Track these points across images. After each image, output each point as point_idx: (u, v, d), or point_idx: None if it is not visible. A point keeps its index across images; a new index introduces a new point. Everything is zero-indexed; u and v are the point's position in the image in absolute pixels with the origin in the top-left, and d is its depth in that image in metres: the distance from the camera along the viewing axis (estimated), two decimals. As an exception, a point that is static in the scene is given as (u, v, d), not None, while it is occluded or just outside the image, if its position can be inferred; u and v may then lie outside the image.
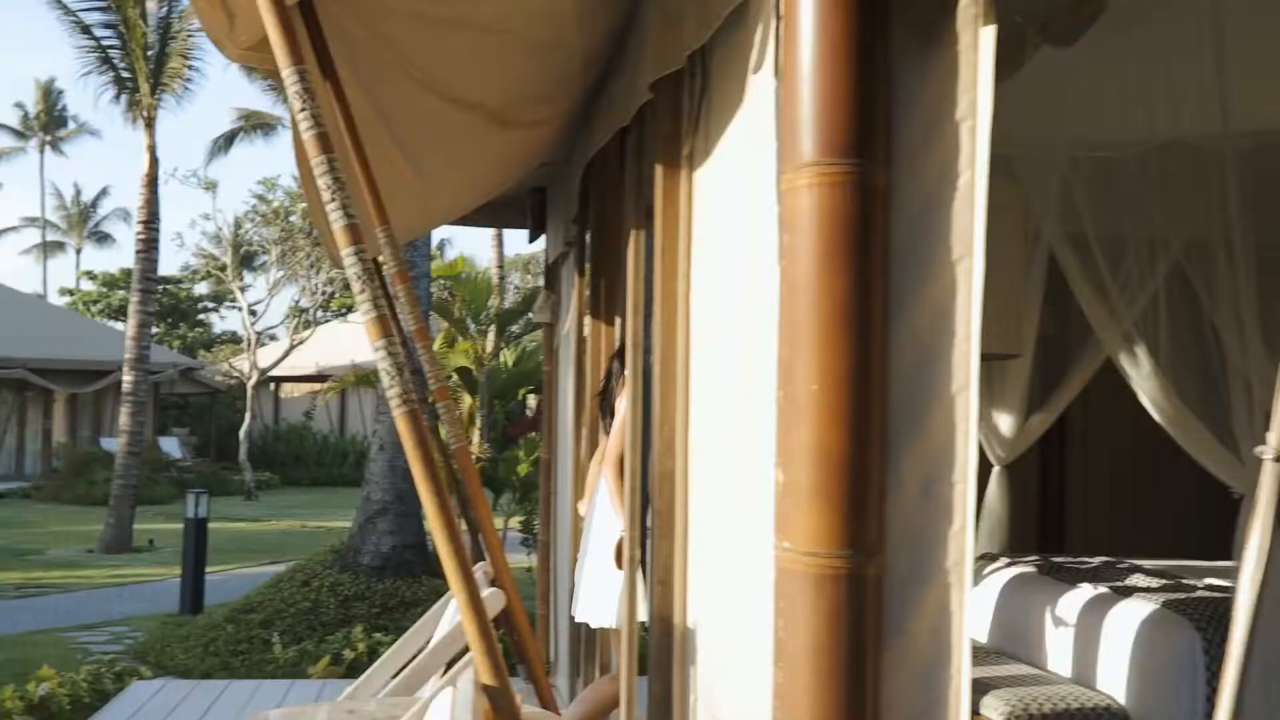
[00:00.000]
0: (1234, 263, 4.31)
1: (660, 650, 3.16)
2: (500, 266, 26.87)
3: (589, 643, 5.31)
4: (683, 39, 2.93)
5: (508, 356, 14.96)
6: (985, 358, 4.30)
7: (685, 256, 3.10)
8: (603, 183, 4.59)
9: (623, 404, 4.32)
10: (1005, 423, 5.94)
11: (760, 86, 2.34)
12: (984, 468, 6.17)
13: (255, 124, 27.45)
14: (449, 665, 3.19)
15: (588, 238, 5.12)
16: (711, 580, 2.80)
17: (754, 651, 2.20)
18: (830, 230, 1.85)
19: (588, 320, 5.10)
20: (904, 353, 1.91)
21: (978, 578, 5.82)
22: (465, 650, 2.89)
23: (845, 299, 1.85)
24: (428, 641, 3.38)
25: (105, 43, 18.44)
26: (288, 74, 1.89)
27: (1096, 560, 5.65)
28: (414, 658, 3.20)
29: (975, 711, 4.68)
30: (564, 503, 6.25)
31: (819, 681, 1.86)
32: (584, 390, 5.29)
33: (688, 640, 3.00)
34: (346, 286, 27.13)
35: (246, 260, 29.15)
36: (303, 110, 1.87)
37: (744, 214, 2.45)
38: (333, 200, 1.85)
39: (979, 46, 1.88)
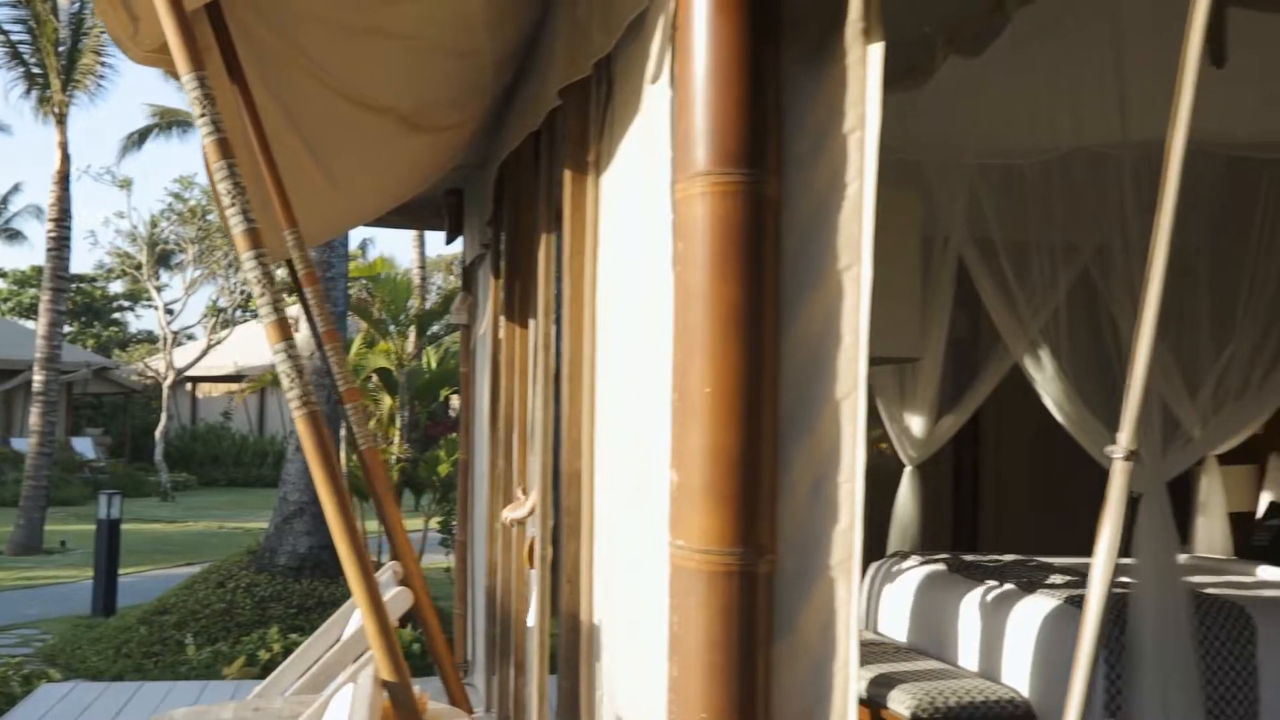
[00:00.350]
0: (1131, 267, 4.43)
1: (568, 648, 3.21)
2: (422, 267, 26.77)
3: (504, 642, 5.34)
4: (589, 47, 2.98)
5: (430, 357, 14.93)
6: (885, 361, 4.41)
7: (592, 260, 3.15)
8: (516, 186, 4.63)
9: None
10: (916, 423, 6.05)
11: (658, 96, 2.39)
12: (899, 467, 6.28)
13: (170, 121, 27.11)
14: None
15: (502, 240, 5.15)
16: (616, 578, 2.85)
17: (653, 647, 2.25)
18: (722, 238, 1.91)
19: (503, 322, 5.13)
20: (794, 357, 1.97)
21: (889, 576, 5.92)
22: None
23: (737, 305, 1.91)
24: (337, 640, 3.40)
25: (15, 38, 18.16)
26: (187, 80, 1.91)
27: (1006, 558, 5.77)
28: (323, 656, 3.22)
29: (883, 706, 4.78)
30: (481, 503, 6.27)
31: (712, 676, 1.92)
32: (500, 392, 5.32)
33: (594, 637, 3.05)
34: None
35: (163, 259, 28.80)
36: (202, 116, 1.90)
37: (644, 220, 2.50)
38: (233, 205, 1.88)
39: (867, 61, 1.94)
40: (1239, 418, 5.63)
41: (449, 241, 7.54)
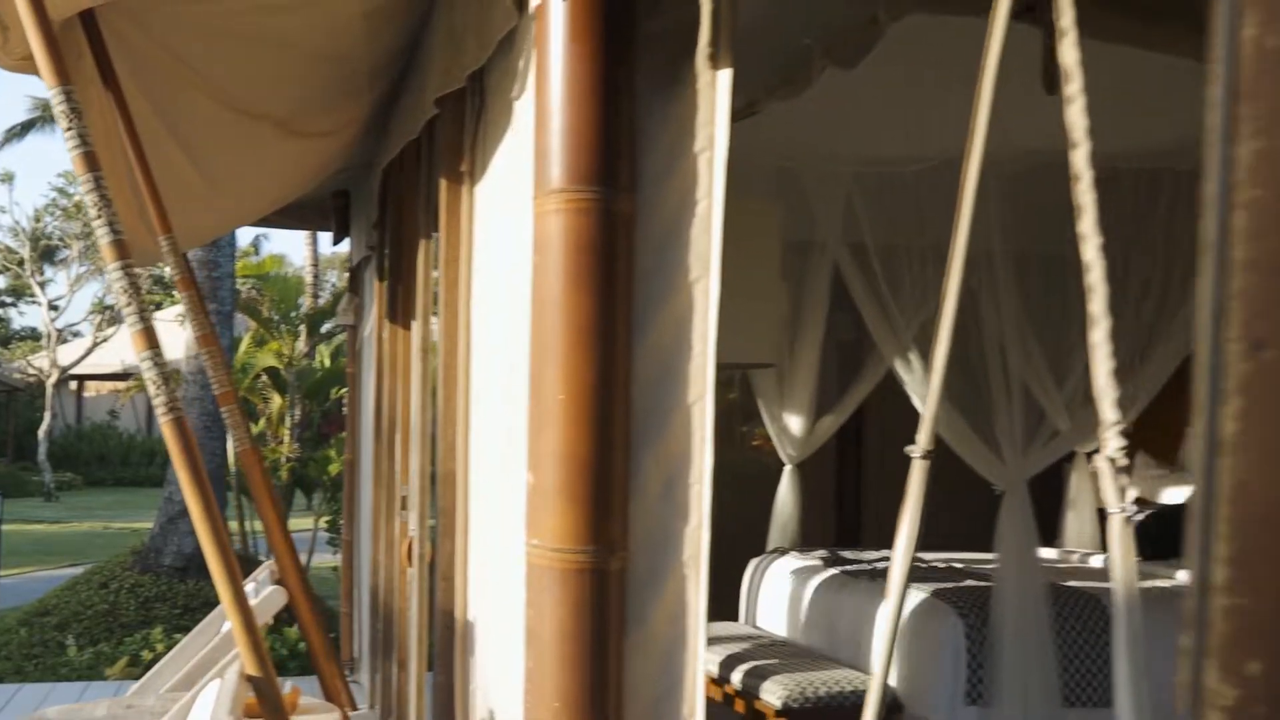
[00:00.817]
0: (994, 273, 4.61)
1: (444, 644, 3.29)
2: (315, 265, 26.51)
3: (387, 639, 5.39)
4: (463, 59, 3.06)
5: (323, 355, 14.85)
6: (743, 367, 4.54)
7: (466, 267, 3.24)
8: (398, 191, 4.69)
9: None
10: (795, 423, 6.20)
11: (525, 111, 2.49)
12: (780, 466, 6.43)
13: (52, 114, 26.56)
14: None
15: (386, 243, 5.21)
16: (486, 576, 2.94)
17: (515, 642, 2.35)
18: (576, 252, 2.01)
19: (386, 324, 5.19)
20: (646, 365, 2.08)
21: (766, 572, 6.07)
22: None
23: (590, 316, 2.01)
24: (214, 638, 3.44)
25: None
26: (54, 94, 1.97)
27: (880, 554, 5.94)
28: (198, 655, 3.27)
29: (756, 697, 4.91)
30: (366, 502, 6.31)
31: (565, 667, 2.02)
32: (383, 393, 5.37)
33: (468, 634, 3.14)
34: (156, 282, 26.51)
35: (47, 254, 28.22)
36: (69, 130, 1.95)
37: (509, 232, 2.59)
38: (99, 217, 1.93)
39: (716, 85, 2.05)
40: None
41: (335, 243, 7.55)
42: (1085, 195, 1.10)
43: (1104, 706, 4.70)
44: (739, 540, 6.35)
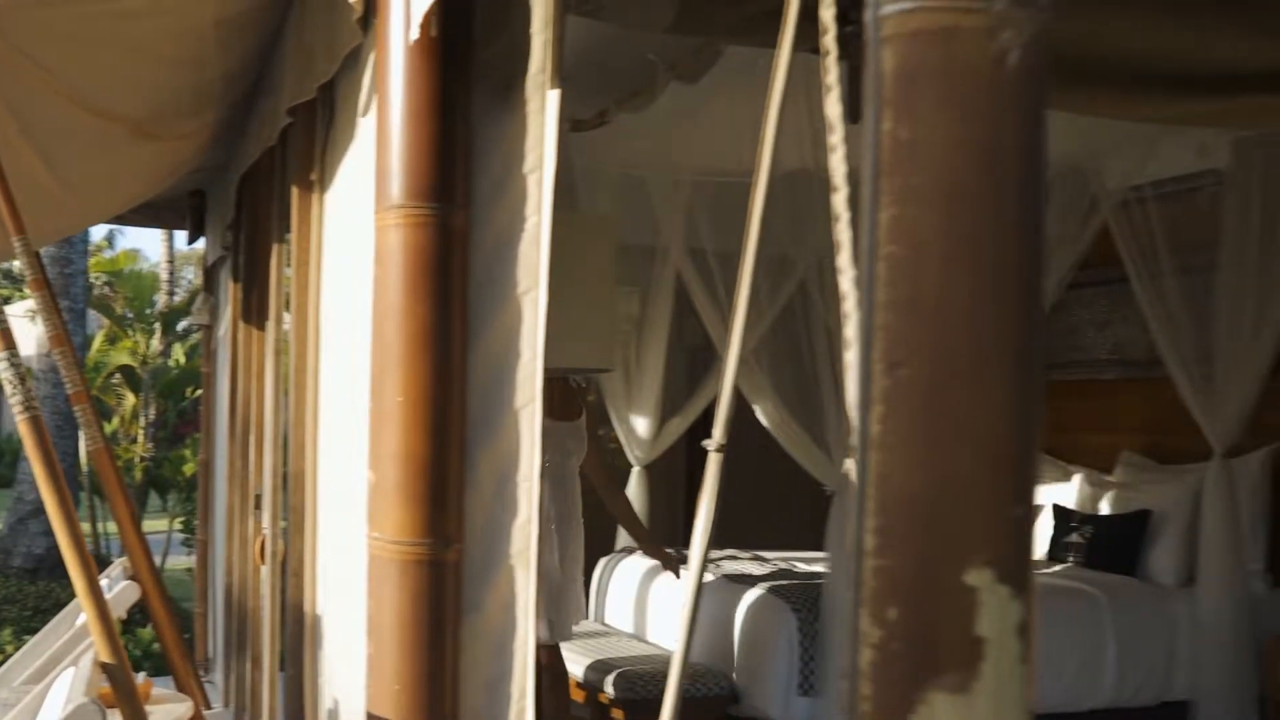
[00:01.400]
0: (823, 277, 4.85)
1: (293, 638, 3.39)
2: (170, 261, 26.05)
3: (241, 637, 5.45)
4: (313, 71, 3.17)
5: (178, 354, 14.68)
6: (577, 372, 4.73)
7: (316, 273, 3.35)
8: (254, 195, 4.76)
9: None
10: (642, 426, 6.38)
11: (367, 127, 2.62)
12: (629, 467, 6.60)
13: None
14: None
15: (241, 245, 5.27)
16: (334, 571, 3.06)
17: (360, 631, 2.48)
18: (414, 265, 2.15)
19: (240, 325, 5.25)
20: (479, 371, 2.22)
21: (615, 571, 6.25)
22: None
23: (427, 324, 2.15)
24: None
25: None
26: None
27: (726, 552, 6.16)
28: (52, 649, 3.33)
29: (600, 690, 5.09)
30: (221, 502, 6.34)
31: (404, 652, 2.15)
32: (238, 393, 5.43)
33: (316, 627, 3.25)
34: (4, 276, 25.81)
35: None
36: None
37: (354, 241, 2.72)
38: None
39: (546, 108, 2.20)
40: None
41: (191, 241, 7.55)
42: (843, 233, 1.28)
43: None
44: (589, 539, 6.52)
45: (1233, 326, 5.12)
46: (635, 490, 6.54)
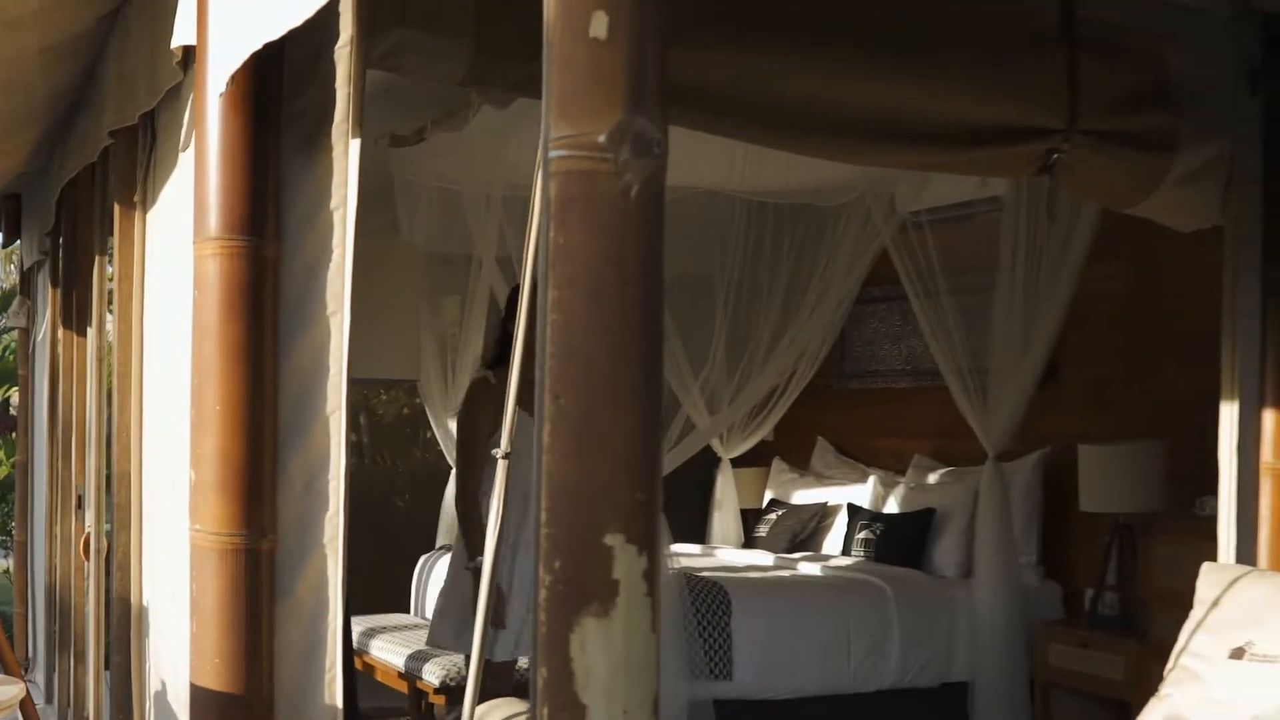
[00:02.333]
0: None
1: (120, 627, 3.63)
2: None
3: (64, 634, 5.61)
4: (135, 100, 3.42)
5: (-11, 353, 14.42)
6: (385, 382, 5.04)
7: (139, 286, 3.59)
8: (74, 205, 4.94)
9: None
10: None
11: (187, 161, 2.89)
12: (449, 469, 6.88)
13: None
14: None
15: (61, 252, 5.43)
16: (160, 564, 3.32)
17: (185, 614, 2.76)
18: (229, 290, 2.44)
19: (61, 330, 5.41)
20: (291, 383, 2.53)
21: (434, 568, 6.53)
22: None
23: (242, 342, 2.45)
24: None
25: None
26: None
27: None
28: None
29: (419, 678, 5.39)
30: (40, 503, 6.46)
31: (224, 631, 2.45)
32: (59, 396, 5.58)
33: (143, 616, 3.50)
34: None
35: None
36: None
37: (174, 261, 2.99)
38: None
39: (349, 154, 2.52)
40: (737, 409, 6.66)
41: (5, 245, 7.61)
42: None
43: (726, 679, 5.36)
44: (410, 538, 6.83)
45: (1005, 342, 5.64)
46: (452, 490, 6.83)
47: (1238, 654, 2.99)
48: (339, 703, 2.55)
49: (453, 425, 6.60)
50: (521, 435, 4.27)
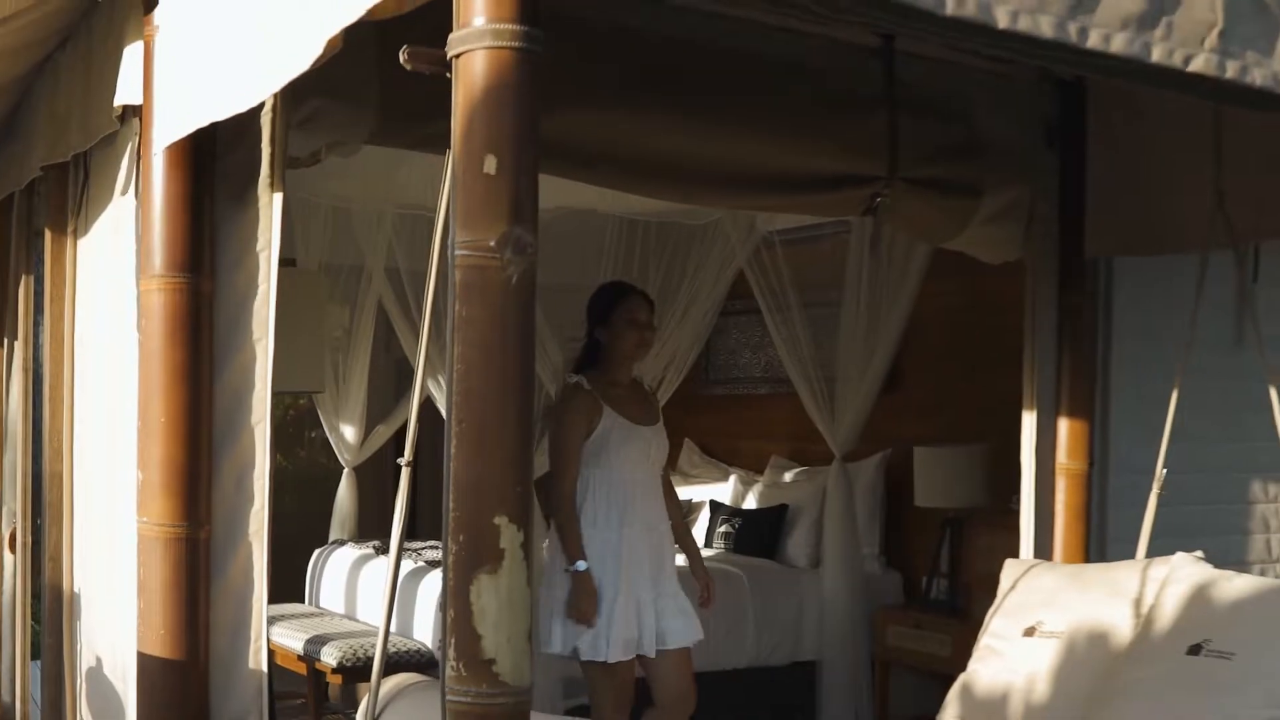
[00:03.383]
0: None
1: (52, 613, 4.03)
2: None
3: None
4: (68, 140, 3.82)
5: None
6: (296, 392, 5.48)
7: (71, 305, 3.99)
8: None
9: None
10: (350, 433, 7.13)
11: (127, 201, 3.31)
12: (341, 469, 7.30)
13: None
14: None
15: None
16: (94, 553, 3.73)
17: (126, 595, 3.18)
18: (171, 320, 2.89)
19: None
20: (223, 398, 2.98)
21: (328, 560, 6.97)
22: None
23: (182, 363, 2.90)
24: None
25: None
26: None
27: (426, 543, 6.97)
28: None
29: (318, 659, 5.83)
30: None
31: (167, 605, 2.90)
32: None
33: (74, 602, 3.91)
34: None
35: None
36: None
37: (113, 288, 3.41)
38: None
39: (273, 205, 2.98)
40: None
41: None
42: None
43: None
44: (304, 533, 7.25)
45: (851, 353, 6.23)
46: (344, 489, 7.26)
47: (1029, 632, 3.59)
48: (264, 668, 3.02)
49: (345, 429, 7.04)
50: (630, 443, 4.62)
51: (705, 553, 6.78)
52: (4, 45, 3.78)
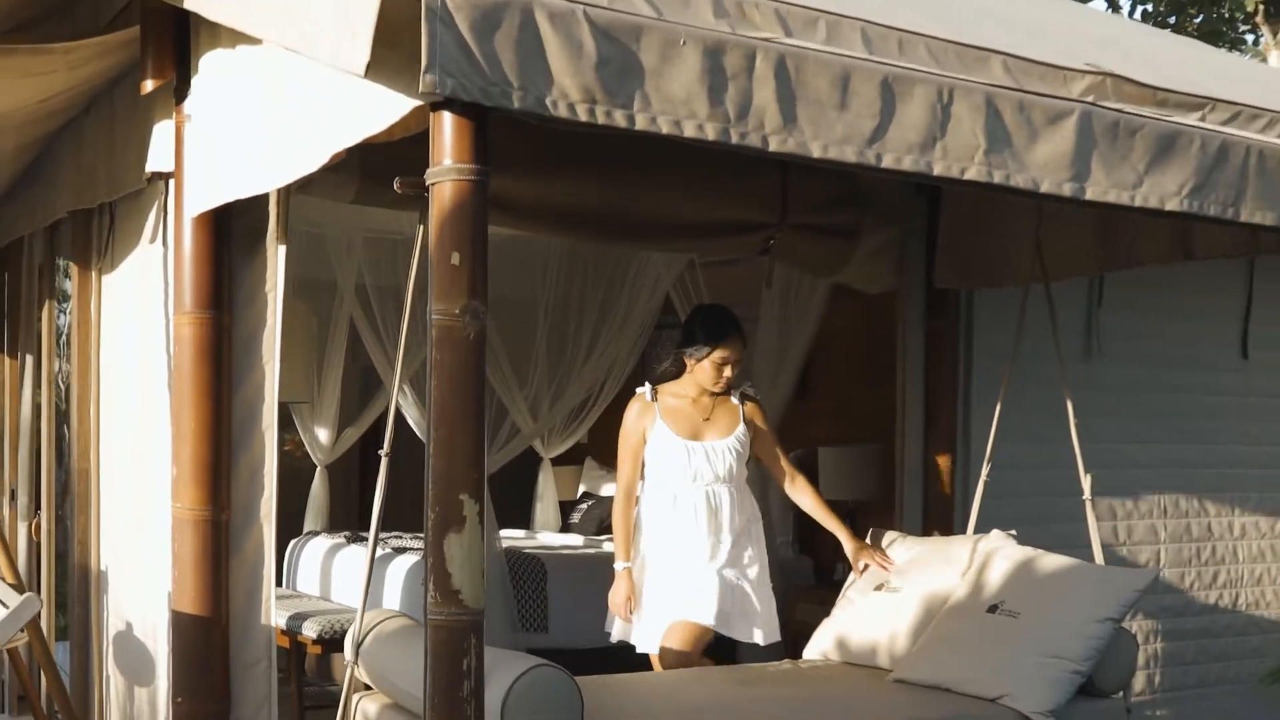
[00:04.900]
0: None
1: (81, 587, 4.79)
2: None
3: None
4: (94, 191, 4.59)
5: None
6: (287, 403, 6.24)
7: (97, 330, 4.75)
8: (17, 260, 6.00)
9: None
10: (323, 434, 7.87)
11: (155, 249, 4.08)
12: (314, 466, 8.07)
13: None
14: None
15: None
16: (120, 535, 4.49)
17: (159, 566, 3.95)
18: (198, 347, 3.68)
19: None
20: (240, 409, 3.77)
21: (304, 549, 7.70)
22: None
23: (207, 382, 3.68)
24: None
25: None
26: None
27: (392, 534, 7.72)
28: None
29: (299, 633, 6.58)
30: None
31: (197, 573, 3.68)
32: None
33: (102, 578, 4.67)
34: None
35: None
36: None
37: (143, 320, 4.18)
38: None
39: (278, 256, 3.76)
40: (555, 415, 7.98)
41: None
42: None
43: (543, 632, 6.68)
44: (280, 525, 7.96)
45: (766, 364, 7.02)
46: (317, 485, 8.00)
47: (879, 589, 4.46)
48: (272, 623, 3.81)
49: (319, 431, 7.80)
50: (672, 456, 4.78)
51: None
52: (47, 110, 4.55)
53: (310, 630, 6.29)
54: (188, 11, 3.46)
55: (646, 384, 4.92)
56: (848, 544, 4.86)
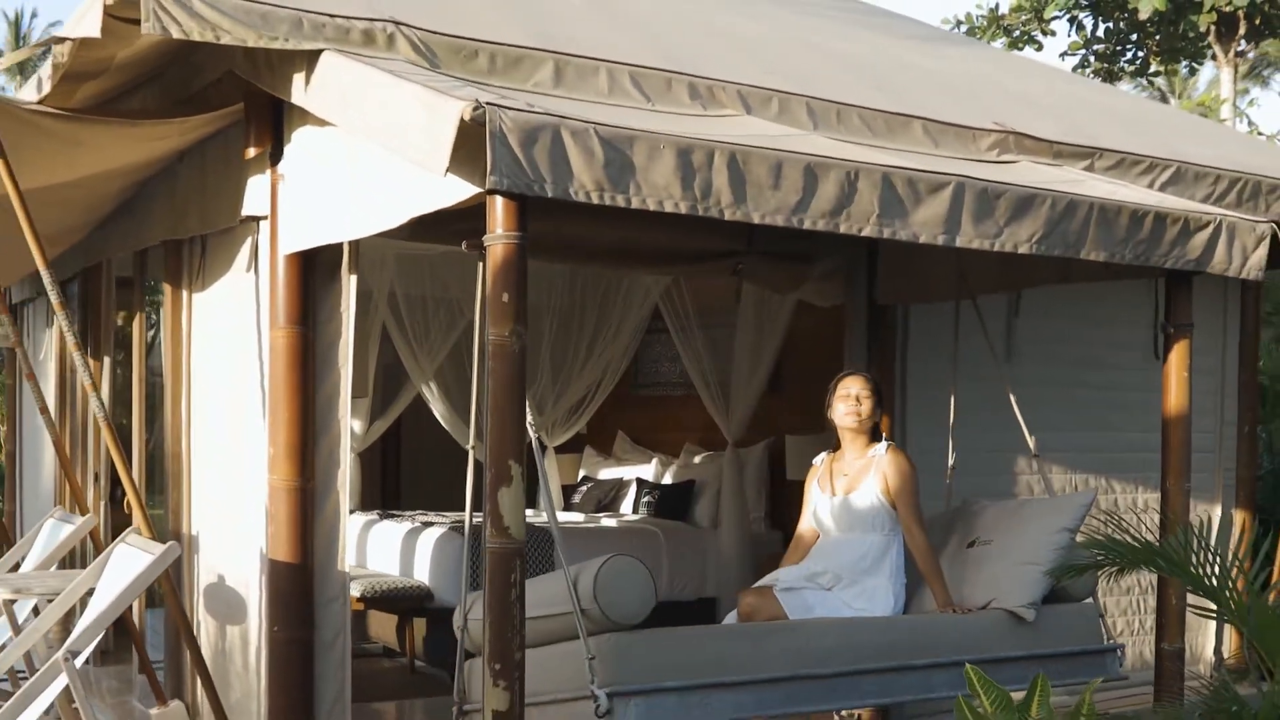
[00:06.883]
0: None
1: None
2: None
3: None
4: (187, 224, 5.64)
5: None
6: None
7: (188, 341, 5.80)
8: (97, 275, 7.05)
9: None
10: (357, 425, 8.94)
11: (249, 277, 5.14)
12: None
13: None
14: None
15: (78, 301, 7.54)
16: (212, 506, 5.55)
17: (252, 529, 5.01)
18: (289, 355, 4.73)
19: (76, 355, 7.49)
20: (320, 402, 4.83)
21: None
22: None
23: (297, 381, 4.74)
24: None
25: None
26: None
27: (412, 512, 8.78)
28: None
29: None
30: (44, 483, 8.46)
31: (290, 530, 4.74)
32: (75, 401, 7.69)
33: (193, 542, 5.72)
34: None
35: None
36: None
37: (236, 335, 5.24)
38: None
39: (349, 283, 4.82)
40: (558, 409, 9.05)
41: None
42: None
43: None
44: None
45: (741, 364, 8.08)
46: (353, 470, 9.07)
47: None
48: (346, 569, 4.88)
49: (354, 422, 8.86)
50: (815, 508, 5.75)
51: (632, 517, 8.67)
52: (156, 156, 5.57)
53: (355, 591, 7.35)
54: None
55: (821, 454, 5.58)
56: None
